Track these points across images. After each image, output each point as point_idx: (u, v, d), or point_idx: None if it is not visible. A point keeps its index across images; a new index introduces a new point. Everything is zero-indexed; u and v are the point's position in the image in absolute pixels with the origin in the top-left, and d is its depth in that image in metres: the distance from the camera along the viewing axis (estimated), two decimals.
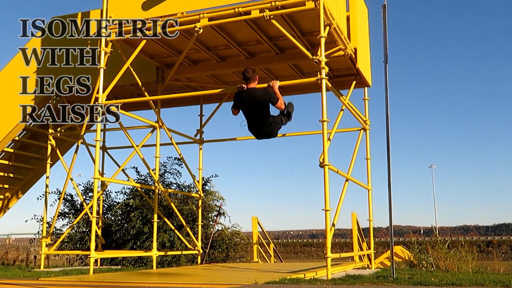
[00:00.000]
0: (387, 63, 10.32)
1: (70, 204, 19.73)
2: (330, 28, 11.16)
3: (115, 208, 19.70)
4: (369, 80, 14.57)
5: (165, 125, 14.51)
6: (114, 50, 12.58)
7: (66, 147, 16.95)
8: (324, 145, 10.05)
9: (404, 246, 25.52)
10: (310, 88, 15.32)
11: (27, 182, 17.35)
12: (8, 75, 15.64)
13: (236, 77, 14.88)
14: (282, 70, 14.54)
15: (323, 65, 10.26)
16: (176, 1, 11.68)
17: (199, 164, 16.45)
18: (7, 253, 28.56)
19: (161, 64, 14.47)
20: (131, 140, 14.11)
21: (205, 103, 16.76)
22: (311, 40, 12.86)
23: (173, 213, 17.70)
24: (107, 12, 12.38)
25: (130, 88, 15.70)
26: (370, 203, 14.52)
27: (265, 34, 12.54)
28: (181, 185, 20.18)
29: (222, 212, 20.23)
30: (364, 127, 14.42)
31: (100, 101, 12.13)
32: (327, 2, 10.66)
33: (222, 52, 13.86)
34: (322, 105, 10.14)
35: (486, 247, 70.64)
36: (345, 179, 12.35)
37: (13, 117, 15.28)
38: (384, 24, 10.55)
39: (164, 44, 13.17)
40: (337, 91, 12.14)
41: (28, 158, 17.07)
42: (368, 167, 14.53)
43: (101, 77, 12.20)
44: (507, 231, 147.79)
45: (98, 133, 12.22)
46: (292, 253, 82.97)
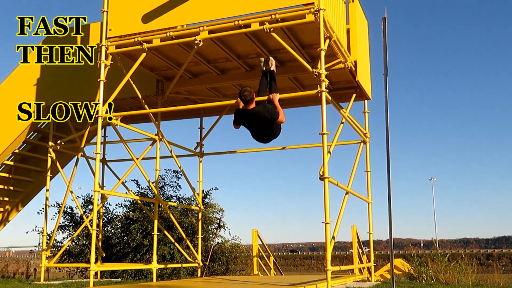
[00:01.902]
0: (387, 76, 10.36)
1: (70, 217, 19.70)
2: (330, 41, 11.17)
3: (115, 221, 19.67)
4: (369, 93, 14.57)
5: (165, 138, 14.50)
6: (114, 63, 12.59)
7: (66, 159, 16.95)
8: (324, 158, 10.04)
9: (404, 259, 25.51)
10: (310, 101, 15.31)
11: (27, 195, 17.34)
12: (9, 87, 15.66)
13: (236, 90, 14.85)
14: (282, 83, 14.51)
15: (323, 78, 10.26)
16: (176, 14, 11.68)
17: (199, 177, 16.41)
18: (7, 266, 28.54)
19: (161, 77, 14.47)
20: (131, 153, 14.09)
21: (205, 116, 16.74)
22: (311, 53, 12.87)
23: (173, 226, 17.65)
24: (107, 24, 12.39)
25: (130, 101, 15.69)
26: (370, 216, 14.49)
27: (265, 47, 12.55)
28: (181, 198, 20.17)
29: (222, 224, 20.21)
30: (364, 140, 14.42)
31: (100, 114, 12.14)
32: (327, 15, 10.67)
33: (222, 65, 13.87)
34: (322, 118, 10.13)
35: (486, 260, 70.50)
36: (345, 192, 12.32)
37: (13, 130, 15.29)
38: (384, 37, 10.58)
39: (164, 57, 13.17)
40: (337, 104, 12.15)
41: (28, 171, 17.06)
42: (368, 179, 14.52)
43: (101, 90, 12.20)
44: (507, 243, 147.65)
45: (98, 146, 12.21)
46: (292, 265, 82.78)
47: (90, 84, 14.02)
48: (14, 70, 15.78)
